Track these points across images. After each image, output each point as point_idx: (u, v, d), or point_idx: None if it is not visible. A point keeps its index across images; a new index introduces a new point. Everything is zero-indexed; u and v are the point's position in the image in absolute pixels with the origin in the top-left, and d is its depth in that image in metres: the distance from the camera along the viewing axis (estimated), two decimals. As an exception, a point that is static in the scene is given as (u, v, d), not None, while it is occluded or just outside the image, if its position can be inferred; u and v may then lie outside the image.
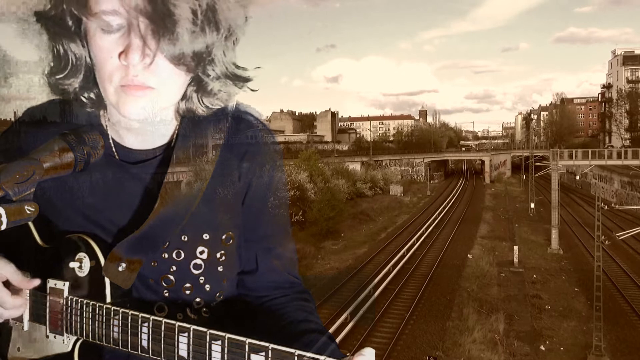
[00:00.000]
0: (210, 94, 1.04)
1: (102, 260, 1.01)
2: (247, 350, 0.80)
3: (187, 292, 1.10)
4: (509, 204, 51.70)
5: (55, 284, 1.05)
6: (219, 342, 0.84)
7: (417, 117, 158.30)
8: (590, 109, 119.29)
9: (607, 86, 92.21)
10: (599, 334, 17.62)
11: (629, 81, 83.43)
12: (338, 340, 15.04)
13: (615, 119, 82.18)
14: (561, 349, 18.63)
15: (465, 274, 25.96)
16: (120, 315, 0.96)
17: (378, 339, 17.13)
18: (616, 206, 43.49)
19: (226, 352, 0.83)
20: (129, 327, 0.95)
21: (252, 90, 1.08)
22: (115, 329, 0.97)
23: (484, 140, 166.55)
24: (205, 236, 1.09)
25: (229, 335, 0.83)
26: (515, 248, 28.90)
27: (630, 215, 41.96)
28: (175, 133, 1.09)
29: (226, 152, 1.09)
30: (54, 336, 1.05)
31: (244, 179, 1.11)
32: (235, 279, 1.17)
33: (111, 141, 1.08)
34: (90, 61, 0.98)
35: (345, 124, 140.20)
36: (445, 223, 38.88)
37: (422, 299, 21.52)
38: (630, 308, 21.67)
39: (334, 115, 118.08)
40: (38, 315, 1.07)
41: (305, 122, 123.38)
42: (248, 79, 1.06)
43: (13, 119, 1.13)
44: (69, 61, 0.99)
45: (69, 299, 1.03)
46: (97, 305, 0.99)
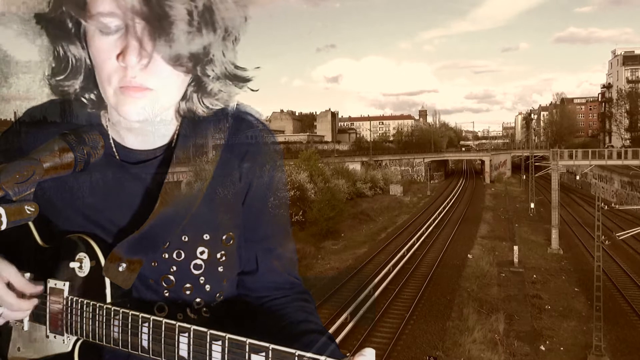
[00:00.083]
0: (211, 95, 1.03)
1: (103, 261, 1.01)
2: (248, 350, 0.80)
3: (187, 293, 1.10)
4: (509, 204, 51.68)
5: (55, 284, 1.05)
6: (220, 343, 0.84)
7: (417, 117, 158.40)
8: (590, 109, 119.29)
9: (607, 86, 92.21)
10: (599, 334, 17.62)
11: (629, 81, 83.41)
12: (338, 340, 15.04)
13: (615, 119, 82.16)
14: (561, 349, 18.63)
15: (465, 274, 25.95)
16: (121, 315, 0.96)
17: (378, 339, 17.13)
18: (616, 206, 43.49)
19: (226, 353, 0.83)
20: (129, 327, 0.95)
21: (252, 90, 1.08)
22: (116, 329, 0.97)
23: (484, 140, 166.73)
24: (206, 236, 1.09)
25: (229, 336, 0.83)
26: (515, 248, 28.89)
27: (630, 215, 41.95)
28: (176, 133, 1.09)
29: (227, 153, 1.08)
30: (54, 336, 1.05)
31: (245, 179, 1.11)
32: (236, 279, 1.17)
33: (112, 141, 1.08)
34: (90, 63, 0.98)
35: (345, 124, 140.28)
36: (445, 223, 38.87)
37: (422, 299, 21.52)
38: (630, 308, 21.67)
39: (334, 115, 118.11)
40: (38, 315, 1.07)
41: (305, 122, 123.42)
42: (248, 79, 1.06)
43: (13, 119, 1.13)
44: (69, 63, 0.99)
45: (69, 299, 1.03)
46: (98, 305, 0.99)
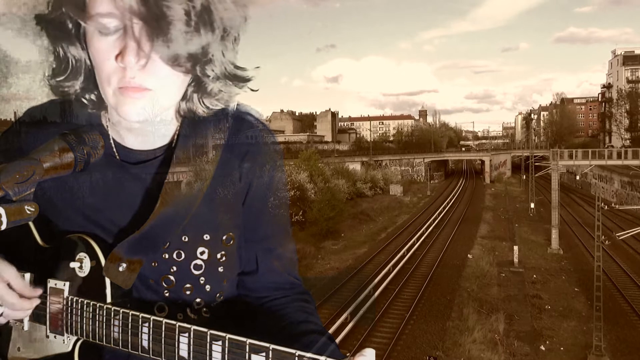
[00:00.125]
0: (211, 95, 1.03)
1: (103, 261, 1.01)
2: (248, 350, 0.80)
3: (188, 293, 1.10)
4: (509, 204, 51.67)
5: (55, 284, 1.05)
6: (220, 343, 0.84)
7: (417, 117, 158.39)
8: (590, 109, 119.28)
9: (607, 86, 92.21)
10: (599, 334, 17.62)
11: (629, 81, 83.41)
12: (338, 340, 15.04)
13: (615, 119, 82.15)
14: (561, 349, 18.62)
15: (466, 274, 25.94)
16: (121, 315, 0.96)
17: (378, 339, 17.12)
18: (616, 206, 43.48)
19: (227, 353, 0.83)
20: (130, 327, 0.95)
21: (252, 90, 1.08)
22: (116, 329, 0.97)
23: (484, 140, 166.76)
24: (206, 237, 1.09)
25: (229, 336, 0.83)
26: (515, 248, 28.88)
27: (630, 215, 41.94)
28: (176, 133, 1.09)
29: (227, 153, 1.08)
30: (54, 336, 1.05)
31: (245, 179, 1.11)
32: (236, 279, 1.17)
33: (112, 141, 1.08)
34: (90, 63, 0.98)
35: (345, 124, 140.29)
36: (445, 223, 38.86)
37: (422, 299, 21.51)
38: (630, 308, 21.66)
39: (334, 115, 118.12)
40: (38, 315, 1.07)
41: (305, 122, 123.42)
42: (248, 79, 1.05)
43: (13, 119, 1.13)
44: (69, 63, 0.99)
45: (70, 299, 1.03)
46: (98, 305, 0.99)
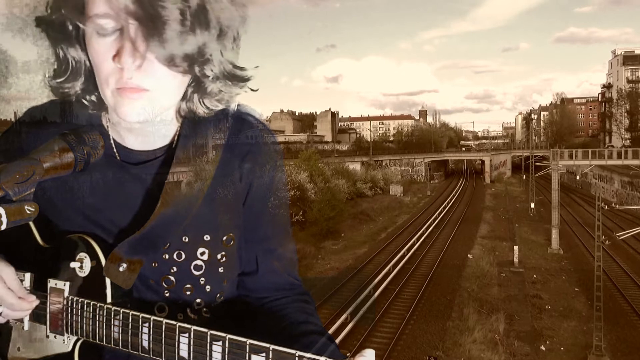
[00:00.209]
0: (211, 95, 1.03)
1: (103, 261, 1.01)
2: (248, 351, 0.80)
3: (188, 293, 1.10)
4: (509, 204, 51.67)
5: (55, 284, 1.05)
6: (220, 343, 0.84)
7: (417, 117, 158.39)
8: (590, 109, 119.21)
9: (607, 86, 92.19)
10: (599, 334, 17.62)
11: (629, 81, 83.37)
12: (338, 340, 15.05)
13: (615, 119, 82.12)
14: (561, 349, 18.63)
15: (466, 274, 25.94)
16: (121, 315, 0.96)
17: (378, 339, 17.13)
18: (616, 206, 43.48)
19: (227, 353, 0.83)
20: (130, 328, 0.95)
21: (252, 90, 1.07)
22: (116, 329, 0.97)
23: (484, 140, 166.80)
24: (206, 237, 1.09)
25: (229, 336, 0.83)
26: (516, 248, 28.88)
27: (631, 215, 41.92)
28: (177, 134, 1.09)
29: (227, 153, 1.08)
30: (54, 336, 1.05)
31: (245, 179, 1.11)
32: (236, 280, 1.17)
33: (112, 142, 1.08)
34: (90, 65, 0.98)
35: (345, 124, 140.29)
36: (445, 223, 38.85)
37: (423, 299, 21.51)
38: (631, 308, 21.66)
39: (334, 115, 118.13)
40: (38, 315, 1.07)
41: (305, 122, 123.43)
42: (247, 79, 1.05)
43: (13, 119, 1.13)
44: (69, 65, 1.00)
45: (70, 298, 1.03)
46: (98, 306, 0.99)
